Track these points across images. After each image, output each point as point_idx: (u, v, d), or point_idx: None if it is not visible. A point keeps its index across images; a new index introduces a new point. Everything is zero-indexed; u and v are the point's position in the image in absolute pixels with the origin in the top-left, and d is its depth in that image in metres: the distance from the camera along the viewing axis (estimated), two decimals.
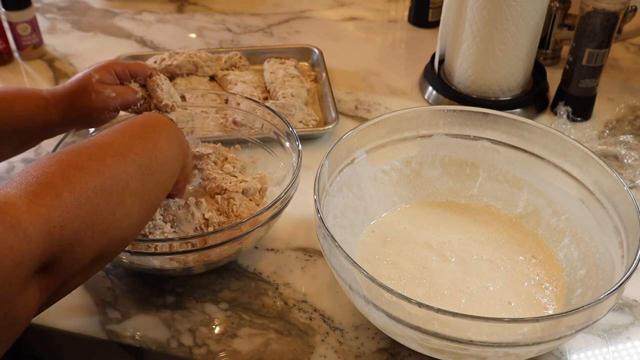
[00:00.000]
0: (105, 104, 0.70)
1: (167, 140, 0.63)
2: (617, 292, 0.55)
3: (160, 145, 0.61)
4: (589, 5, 0.89)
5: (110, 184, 0.52)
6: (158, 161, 0.59)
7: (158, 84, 0.73)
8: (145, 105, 0.74)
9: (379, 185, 0.77)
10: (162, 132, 0.63)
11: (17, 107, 0.69)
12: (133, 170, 0.55)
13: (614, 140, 0.92)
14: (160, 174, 0.60)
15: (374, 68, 1.12)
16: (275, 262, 0.74)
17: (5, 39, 1.10)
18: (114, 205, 0.52)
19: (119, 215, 0.53)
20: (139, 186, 0.56)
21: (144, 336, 0.66)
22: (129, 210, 0.54)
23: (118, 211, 0.52)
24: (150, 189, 0.58)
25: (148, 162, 0.58)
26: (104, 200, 0.51)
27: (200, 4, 1.33)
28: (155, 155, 0.59)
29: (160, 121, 0.65)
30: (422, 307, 0.53)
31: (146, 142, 0.59)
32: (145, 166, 0.57)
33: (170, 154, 0.63)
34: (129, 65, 0.73)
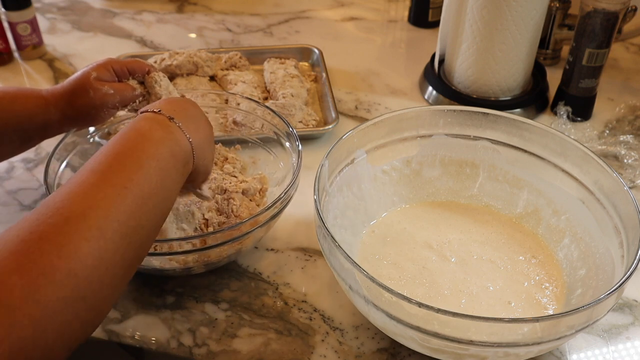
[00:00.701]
0: (103, 101, 0.70)
1: (158, 160, 0.51)
2: (617, 292, 0.55)
3: (152, 188, 0.49)
4: (589, 5, 0.89)
5: (84, 286, 0.42)
6: (148, 212, 0.48)
7: (156, 80, 0.73)
8: (144, 102, 0.74)
9: (379, 185, 0.77)
10: (151, 150, 0.51)
11: (17, 107, 0.69)
12: (114, 248, 0.44)
13: (614, 140, 0.92)
14: (152, 215, 0.49)
15: (374, 68, 1.12)
16: (275, 262, 0.74)
17: (5, 39, 1.10)
18: (90, 309, 0.42)
19: (95, 314, 0.43)
20: (123, 262, 0.45)
21: (144, 336, 0.66)
22: (108, 297, 0.45)
23: (94, 312, 0.43)
24: (138, 251, 0.48)
25: (134, 224, 0.47)
26: (75, 312, 0.41)
27: (200, 4, 1.33)
28: (146, 208, 0.48)
29: (146, 133, 0.53)
30: (422, 307, 0.53)
31: (131, 194, 0.47)
32: (131, 232, 0.46)
33: (163, 175, 0.51)
34: (127, 62, 0.73)
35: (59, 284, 0.40)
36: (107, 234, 0.44)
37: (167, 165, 0.53)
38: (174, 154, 0.54)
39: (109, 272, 0.44)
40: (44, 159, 0.88)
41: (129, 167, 0.49)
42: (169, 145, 0.54)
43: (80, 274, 0.41)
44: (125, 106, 0.73)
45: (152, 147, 0.52)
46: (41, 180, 0.85)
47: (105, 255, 0.43)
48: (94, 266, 0.42)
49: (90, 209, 0.44)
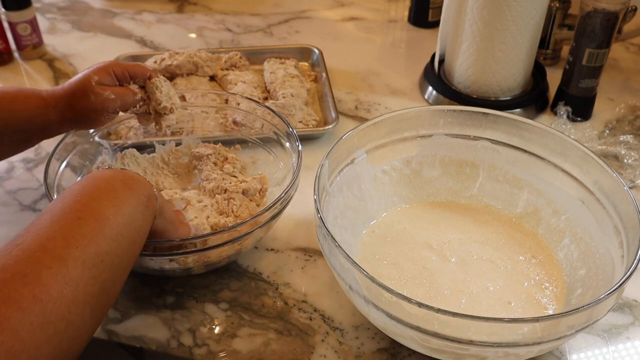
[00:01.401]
0: (104, 106, 0.70)
1: (115, 204, 0.51)
2: (617, 292, 0.55)
3: (108, 214, 0.50)
4: (589, 5, 0.89)
5: (51, 310, 0.42)
6: (108, 240, 0.49)
7: (157, 86, 0.73)
8: (145, 107, 0.74)
9: (379, 185, 0.77)
10: (109, 195, 0.52)
11: (17, 107, 0.69)
12: (78, 275, 0.45)
13: (614, 140, 0.92)
14: (116, 251, 0.49)
15: (374, 68, 1.12)
16: (275, 262, 0.74)
17: (5, 39, 1.10)
18: (59, 335, 0.43)
19: (67, 343, 0.44)
20: (89, 290, 0.46)
21: (144, 336, 0.66)
22: (79, 327, 0.45)
23: (65, 337, 0.43)
24: (106, 278, 0.48)
25: (95, 250, 0.47)
26: (45, 337, 0.41)
27: (200, 4, 1.33)
28: (103, 235, 0.48)
29: (105, 182, 0.53)
30: (422, 307, 0.53)
31: (87, 222, 0.48)
32: (93, 258, 0.47)
33: (126, 213, 0.52)
34: (128, 66, 0.73)
35: (26, 310, 0.41)
36: (69, 262, 0.45)
37: (126, 199, 0.53)
38: (137, 197, 0.54)
39: (76, 300, 0.44)
40: (44, 159, 0.88)
41: (83, 201, 0.50)
42: (130, 193, 0.54)
43: (44, 299, 0.42)
44: (125, 110, 0.73)
45: (107, 185, 0.53)
46: (41, 180, 0.85)
47: (69, 282, 0.44)
48: (58, 292, 0.43)
49: (47, 239, 0.45)
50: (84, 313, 0.45)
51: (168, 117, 0.76)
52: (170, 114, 0.75)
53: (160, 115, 0.76)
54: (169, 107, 0.74)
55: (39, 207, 0.82)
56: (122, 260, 0.51)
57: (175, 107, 0.75)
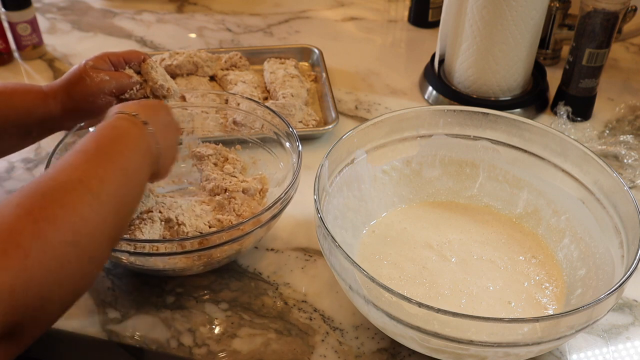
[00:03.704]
0: (99, 87, 0.70)
1: (135, 152, 0.58)
2: (617, 292, 0.55)
3: (131, 164, 0.57)
4: (589, 5, 0.89)
5: (82, 235, 0.48)
6: (131, 185, 0.56)
7: (152, 66, 0.74)
8: (142, 90, 0.74)
9: (379, 185, 0.77)
10: (129, 143, 0.58)
11: (16, 101, 0.69)
12: (107, 212, 0.51)
13: (614, 140, 0.92)
14: (132, 196, 0.56)
15: (374, 68, 1.12)
16: (275, 262, 0.74)
17: (5, 39, 1.10)
18: (86, 257, 0.48)
19: (89, 265, 0.49)
20: (112, 226, 0.52)
21: (144, 336, 0.66)
22: (100, 255, 0.51)
23: (88, 262, 0.49)
24: (123, 218, 0.55)
25: (123, 193, 0.54)
26: (75, 255, 0.47)
27: (200, 4, 1.33)
28: (127, 180, 0.55)
29: (124, 130, 0.59)
30: (422, 307, 0.53)
31: (116, 167, 0.54)
32: (120, 201, 0.53)
33: (138, 166, 0.58)
34: (122, 53, 0.74)
35: (61, 229, 0.46)
36: (101, 197, 0.51)
37: (141, 159, 0.59)
38: (145, 153, 0.60)
39: (101, 234, 0.50)
40: (44, 159, 0.88)
41: (114, 152, 0.56)
42: (142, 145, 0.60)
43: (78, 223, 0.47)
44: (122, 94, 0.73)
45: (131, 142, 0.59)
46: None
47: (99, 215, 0.50)
48: (90, 222, 0.49)
49: (83, 175, 0.51)
50: (104, 244, 0.51)
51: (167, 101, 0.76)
52: (168, 95, 0.75)
53: (158, 99, 0.76)
54: (167, 86, 0.74)
55: None
56: (132, 211, 0.58)
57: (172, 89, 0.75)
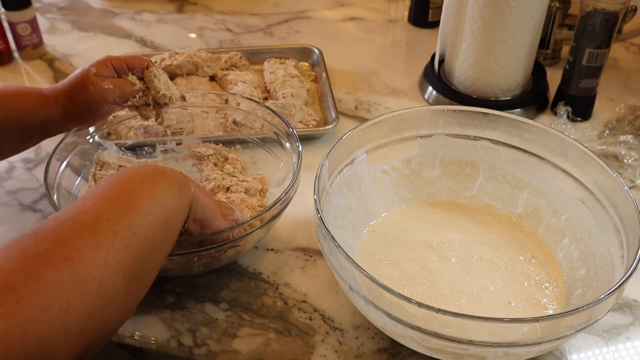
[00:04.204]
0: (103, 96, 0.70)
1: (147, 186, 0.53)
2: (617, 292, 0.55)
3: (140, 193, 0.51)
4: (589, 5, 0.89)
5: (82, 270, 0.43)
6: (140, 215, 0.49)
7: (155, 74, 0.74)
8: (144, 98, 0.74)
9: (379, 185, 0.77)
10: (142, 179, 0.53)
11: (18, 103, 0.69)
12: (109, 242, 0.46)
13: (614, 140, 0.92)
14: (148, 226, 0.50)
15: (374, 68, 1.12)
16: (275, 262, 0.74)
17: (5, 39, 1.10)
18: (91, 295, 0.43)
19: (99, 305, 0.44)
20: (121, 258, 0.46)
21: (144, 336, 0.66)
22: (112, 292, 0.45)
23: (97, 301, 0.43)
24: (139, 250, 0.48)
25: (127, 222, 0.48)
26: (77, 294, 0.42)
27: (200, 4, 1.33)
28: (135, 211, 0.49)
29: (138, 170, 0.54)
30: (422, 307, 0.53)
31: (118, 200, 0.49)
32: (125, 229, 0.47)
33: (159, 194, 0.53)
34: (125, 58, 0.73)
35: (56, 267, 0.42)
36: (99, 230, 0.46)
37: (157, 184, 0.54)
38: (169, 182, 0.55)
39: (107, 264, 0.45)
40: (44, 159, 0.88)
41: (117, 184, 0.51)
42: (166, 175, 0.55)
43: (75, 259, 0.43)
44: (125, 101, 0.73)
45: (144, 174, 0.54)
46: (41, 180, 0.85)
47: (99, 247, 0.45)
48: (89, 255, 0.44)
49: (79, 212, 0.47)
50: (116, 279, 0.45)
51: (168, 108, 0.76)
52: (170, 103, 0.75)
53: (160, 106, 0.76)
54: (169, 95, 0.74)
55: (38, 207, 0.82)
56: (155, 237, 0.51)
57: (174, 97, 0.75)
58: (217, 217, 0.63)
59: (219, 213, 0.63)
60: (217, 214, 0.63)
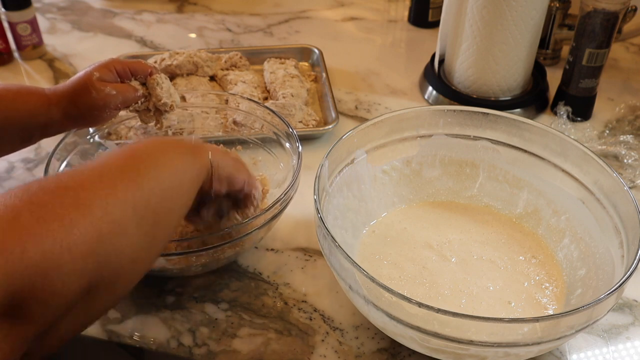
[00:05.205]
0: (105, 102, 0.70)
1: (161, 151, 0.54)
2: (617, 292, 0.55)
3: (150, 154, 0.52)
4: (589, 5, 0.89)
5: (86, 197, 0.43)
6: (150, 168, 0.50)
7: (158, 82, 0.74)
8: (146, 103, 0.75)
9: (379, 185, 0.77)
10: (154, 145, 0.54)
11: (19, 104, 0.69)
12: (115, 180, 0.46)
13: (614, 140, 0.92)
14: (156, 179, 0.50)
15: (374, 68, 1.12)
16: (275, 262, 0.74)
17: (5, 39, 1.10)
18: (97, 219, 0.42)
19: (107, 230, 0.43)
20: (129, 194, 0.46)
21: (144, 336, 0.66)
22: (120, 221, 0.44)
23: (105, 225, 0.43)
24: (147, 193, 0.48)
25: (134, 169, 0.49)
26: (80, 214, 0.42)
27: (200, 4, 1.33)
28: (144, 164, 0.50)
29: (153, 140, 0.56)
30: (422, 307, 0.53)
31: (124, 157, 0.50)
32: (132, 172, 0.48)
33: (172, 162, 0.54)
34: (129, 63, 0.73)
35: (60, 195, 0.42)
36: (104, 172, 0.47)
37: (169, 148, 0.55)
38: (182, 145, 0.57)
39: (115, 190, 0.45)
40: (44, 159, 0.88)
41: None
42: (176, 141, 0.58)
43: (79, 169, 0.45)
44: (127, 107, 0.73)
45: (156, 140, 0.56)
46: None
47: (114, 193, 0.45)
48: (93, 171, 0.46)
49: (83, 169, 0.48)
50: (125, 210, 0.45)
51: (169, 114, 0.77)
52: (170, 111, 0.75)
53: (160, 112, 0.76)
54: (170, 103, 0.74)
55: None
56: (166, 186, 0.51)
57: (175, 104, 0.75)
58: (238, 171, 0.64)
59: (240, 166, 0.65)
60: (238, 167, 0.64)
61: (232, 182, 0.63)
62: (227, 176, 0.62)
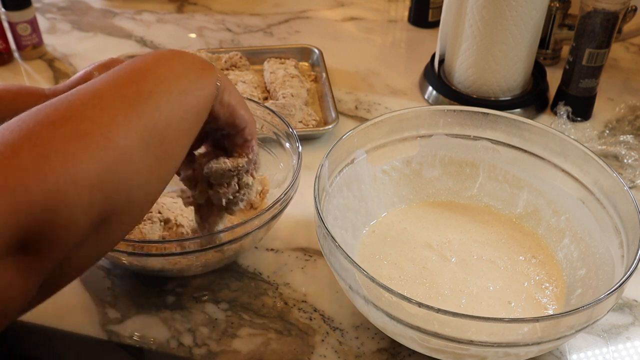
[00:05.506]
0: None
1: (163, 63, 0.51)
2: (617, 292, 0.55)
3: (152, 68, 0.49)
4: (589, 5, 0.89)
5: (85, 127, 0.41)
6: (150, 83, 0.48)
7: None
8: None
9: (379, 185, 0.77)
10: (157, 58, 0.51)
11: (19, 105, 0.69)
12: (115, 104, 0.44)
13: (614, 140, 0.92)
14: (158, 96, 0.47)
15: (374, 68, 1.12)
16: (275, 262, 0.74)
17: (5, 39, 1.10)
18: (100, 149, 0.41)
19: (111, 159, 0.42)
20: (132, 119, 0.44)
21: (144, 336, 0.66)
22: (125, 149, 0.43)
23: (108, 154, 0.42)
24: (150, 117, 0.46)
25: (136, 88, 0.47)
26: (82, 146, 0.40)
27: (200, 4, 1.33)
28: (145, 79, 0.48)
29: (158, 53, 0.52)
30: (422, 307, 0.53)
31: (126, 71, 0.48)
32: (133, 93, 0.46)
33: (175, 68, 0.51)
34: None
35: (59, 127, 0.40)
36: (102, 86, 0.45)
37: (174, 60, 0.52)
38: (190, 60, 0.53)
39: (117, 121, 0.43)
40: None
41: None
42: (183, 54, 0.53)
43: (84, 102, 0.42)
44: None
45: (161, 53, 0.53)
46: None
47: (108, 95, 0.44)
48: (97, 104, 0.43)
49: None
50: (128, 137, 0.43)
51: None
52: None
53: None
54: None
55: None
56: (171, 104, 0.48)
57: None
58: (243, 107, 0.59)
59: (245, 104, 0.60)
60: (243, 104, 0.60)
61: (235, 115, 0.58)
62: (230, 105, 0.57)
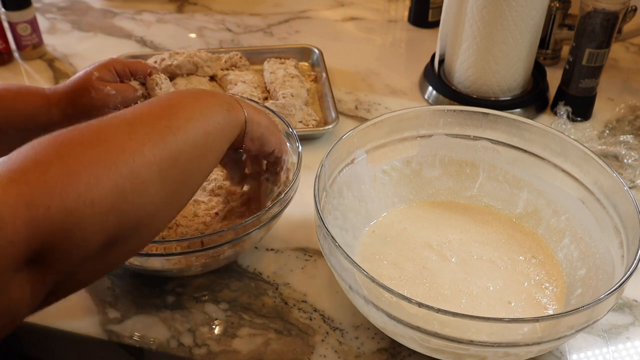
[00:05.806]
0: (105, 102, 0.70)
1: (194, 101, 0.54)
2: (617, 292, 0.55)
3: (184, 102, 0.53)
4: (589, 5, 0.89)
5: (113, 154, 0.44)
6: (181, 120, 0.50)
7: (157, 82, 0.74)
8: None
9: (379, 185, 0.77)
10: (190, 95, 0.55)
11: (19, 105, 0.69)
12: (144, 136, 0.47)
13: (614, 140, 0.92)
14: (186, 133, 0.50)
15: (374, 68, 1.12)
16: (275, 262, 0.74)
17: (5, 39, 1.10)
18: (121, 177, 0.44)
19: (130, 187, 0.45)
20: (157, 152, 0.47)
21: (144, 336, 0.66)
22: (145, 179, 0.46)
23: (128, 183, 0.44)
24: (174, 151, 0.48)
25: (166, 123, 0.49)
26: (105, 172, 0.43)
27: (200, 4, 1.33)
28: (176, 116, 0.50)
29: (190, 90, 0.57)
30: (422, 307, 0.53)
31: (159, 105, 0.51)
32: (163, 127, 0.48)
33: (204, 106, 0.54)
34: (129, 63, 0.73)
35: (86, 145, 0.43)
36: (134, 124, 0.47)
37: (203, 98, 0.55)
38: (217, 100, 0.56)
39: (139, 154, 0.46)
40: None
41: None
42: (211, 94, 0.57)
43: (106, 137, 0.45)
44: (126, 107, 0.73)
45: (192, 91, 0.56)
46: None
47: (132, 133, 0.46)
48: (121, 138, 0.45)
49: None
50: (150, 169, 0.46)
51: None
52: None
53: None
54: None
55: None
56: (196, 141, 0.51)
57: None
58: (272, 133, 0.64)
59: (273, 128, 0.65)
60: (272, 130, 0.64)
61: (264, 143, 0.63)
62: (259, 137, 0.61)
